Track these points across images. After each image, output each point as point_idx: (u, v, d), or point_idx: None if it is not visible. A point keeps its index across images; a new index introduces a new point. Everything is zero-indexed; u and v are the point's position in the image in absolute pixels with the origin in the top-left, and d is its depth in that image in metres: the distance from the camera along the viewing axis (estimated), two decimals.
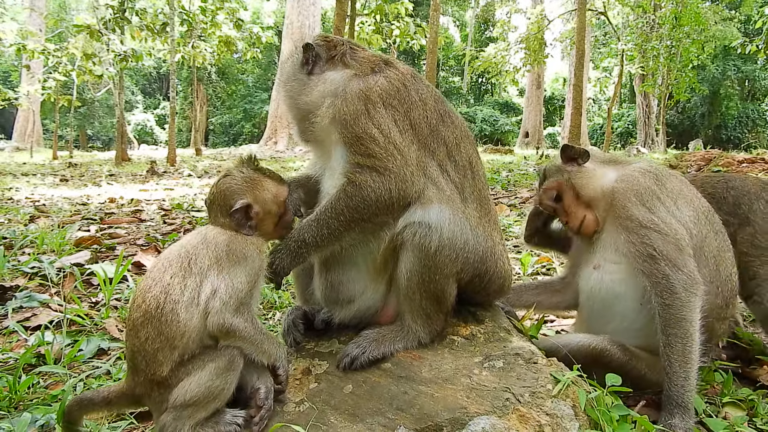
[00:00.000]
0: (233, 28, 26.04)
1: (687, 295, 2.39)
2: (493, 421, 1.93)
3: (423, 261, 2.28)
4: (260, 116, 49.68)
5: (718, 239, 2.62)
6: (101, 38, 21.62)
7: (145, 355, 1.94)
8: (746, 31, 36.53)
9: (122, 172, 18.95)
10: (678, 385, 2.35)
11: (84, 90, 39.57)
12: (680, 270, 2.41)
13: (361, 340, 2.34)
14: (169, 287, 1.98)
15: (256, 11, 52.19)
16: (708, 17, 30.84)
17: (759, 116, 46.52)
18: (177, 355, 1.94)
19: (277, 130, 31.88)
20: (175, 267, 2.03)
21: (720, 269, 2.57)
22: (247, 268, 2.08)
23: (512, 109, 57.56)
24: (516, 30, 35.21)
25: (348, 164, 2.32)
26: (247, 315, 2.03)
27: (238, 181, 2.26)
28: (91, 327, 3.53)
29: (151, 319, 1.95)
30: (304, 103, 2.57)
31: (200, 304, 1.98)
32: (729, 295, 2.60)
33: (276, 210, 2.30)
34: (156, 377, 1.93)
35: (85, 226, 7.14)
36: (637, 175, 2.63)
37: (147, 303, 1.97)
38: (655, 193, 2.56)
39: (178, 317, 1.94)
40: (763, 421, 2.45)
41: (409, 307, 2.35)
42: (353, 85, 2.42)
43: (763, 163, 9.42)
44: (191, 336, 1.96)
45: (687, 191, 2.67)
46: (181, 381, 1.95)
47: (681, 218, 2.54)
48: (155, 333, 1.93)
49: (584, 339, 2.59)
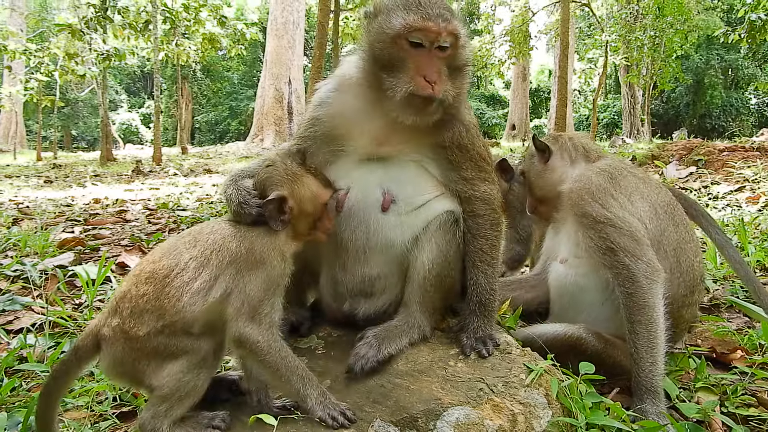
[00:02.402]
0: (217, 25, 25.89)
1: (648, 283, 2.46)
2: (466, 412, 1.97)
3: (445, 253, 2.35)
4: (246, 113, 49.48)
5: (679, 231, 2.70)
6: (83, 37, 21.43)
7: (133, 307, 1.94)
8: (729, 21, 36.80)
9: (107, 172, 18.84)
10: (646, 371, 2.42)
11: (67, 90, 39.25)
12: (639, 259, 2.49)
13: (372, 339, 2.28)
14: (186, 267, 1.98)
15: (240, 8, 51.84)
16: (691, 7, 30.98)
17: (742, 105, 46.94)
18: (160, 326, 1.93)
19: (264, 127, 31.76)
20: (198, 251, 2.02)
21: (680, 259, 2.65)
22: (263, 274, 2.02)
23: (499, 101, 57.71)
24: (501, 23, 35.19)
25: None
26: (266, 327, 1.97)
27: (280, 172, 2.19)
28: (75, 329, 3.53)
29: (155, 282, 1.95)
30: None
31: (207, 299, 1.96)
32: (692, 282, 2.68)
33: (312, 211, 2.20)
34: (130, 332, 1.92)
35: (69, 227, 7.10)
36: (591, 175, 2.75)
37: (160, 265, 1.98)
38: (608, 191, 2.66)
39: (181, 298, 1.93)
40: (735, 405, 2.51)
41: (421, 300, 2.38)
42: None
43: (743, 151, 9.53)
44: (183, 319, 1.94)
45: (644, 187, 2.76)
46: (149, 353, 1.93)
47: (635, 213, 2.63)
48: (153, 296, 1.94)
49: (560, 328, 2.65)
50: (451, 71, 2.30)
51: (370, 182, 2.40)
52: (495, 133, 48.62)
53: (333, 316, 2.58)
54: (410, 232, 2.40)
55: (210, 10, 25.01)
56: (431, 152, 2.46)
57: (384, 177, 2.42)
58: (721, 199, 7.46)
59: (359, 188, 2.41)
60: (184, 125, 41.28)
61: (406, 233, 2.40)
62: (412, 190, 2.41)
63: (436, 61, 2.27)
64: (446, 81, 2.27)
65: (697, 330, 3.36)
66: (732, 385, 2.63)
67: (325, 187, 2.24)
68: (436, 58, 2.26)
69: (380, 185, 2.40)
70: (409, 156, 2.43)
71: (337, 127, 2.48)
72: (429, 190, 2.45)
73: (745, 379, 2.71)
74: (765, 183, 7.86)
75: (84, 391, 2.70)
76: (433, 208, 2.43)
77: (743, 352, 2.99)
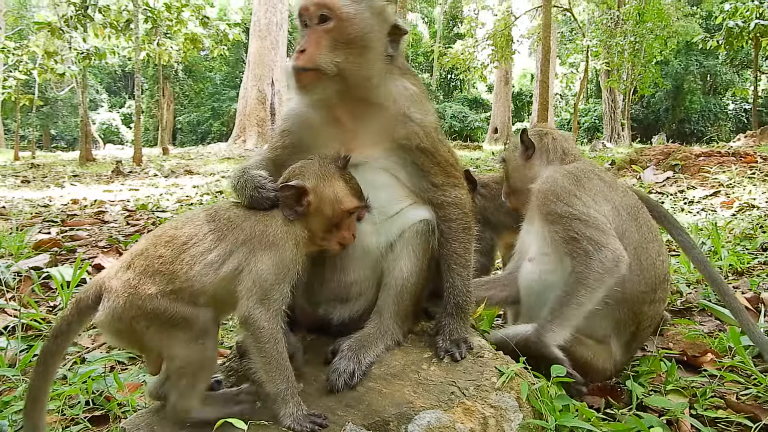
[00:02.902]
0: (199, 25, 25.77)
1: (601, 272, 2.56)
2: (438, 415, 1.99)
3: (422, 261, 2.39)
4: (228, 114, 49.22)
5: (641, 232, 2.77)
6: (63, 36, 21.20)
7: (147, 265, 1.97)
8: (707, 27, 37.33)
9: (86, 172, 18.63)
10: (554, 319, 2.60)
11: (46, 89, 38.77)
12: (604, 247, 2.58)
13: (348, 352, 2.25)
14: (203, 238, 2.02)
15: (222, 8, 51.65)
16: (670, 13, 31.48)
17: (720, 110, 47.69)
18: (169, 290, 1.94)
19: (246, 128, 31.63)
20: (216, 225, 2.07)
21: (641, 259, 2.71)
22: (276, 256, 2.03)
23: (481, 105, 57.95)
24: (483, 26, 35.45)
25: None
26: (273, 314, 1.98)
27: (313, 167, 2.20)
28: (48, 331, 3.49)
29: (174, 247, 2.00)
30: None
31: (219, 272, 1.98)
32: (653, 280, 2.73)
33: (330, 214, 2.16)
34: (139, 288, 1.93)
35: (46, 228, 7.03)
36: (558, 177, 2.84)
37: (181, 233, 2.04)
38: (572, 192, 2.75)
39: (193, 266, 1.97)
40: (704, 407, 2.55)
41: (396, 308, 2.38)
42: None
43: (719, 156, 9.67)
44: (191, 287, 1.96)
45: (608, 190, 2.83)
46: (149, 314, 1.93)
47: (600, 211, 2.72)
48: (169, 259, 1.97)
49: (531, 329, 2.67)
50: (339, 44, 2.28)
51: None
52: (477, 136, 48.76)
53: (307, 321, 2.58)
54: (385, 239, 2.42)
55: (192, 10, 24.88)
56: (397, 158, 2.45)
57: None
58: (697, 204, 7.57)
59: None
60: (166, 125, 40.98)
61: (382, 240, 2.41)
62: (386, 198, 2.42)
63: (315, 34, 2.28)
64: (325, 51, 2.26)
65: (669, 333, 3.41)
66: (702, 388, 2.67)
67: (352, 195, 2.19)
68: (318, 32, 2.28)
69: None
70: (379, 163, 2.43)
71: (306, 137, 2.48)
72: (402, 198, 2.47)
73: (714, 382, 2.76)
74: (739, 188, 7.99)
75: (56, 394, 2.68)
76: (408, 216, 2.44)
77: (713, 355, 3.04)
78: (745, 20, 23.18)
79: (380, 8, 2.41)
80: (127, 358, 3.24)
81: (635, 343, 2.82)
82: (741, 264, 4.44)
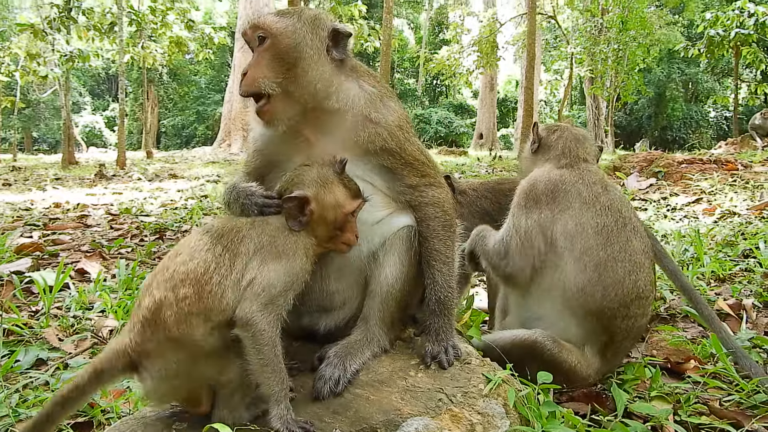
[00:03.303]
0: (184, 28, 25.65)
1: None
2: (425, 422, 1.99)
3: (407, 268, 2.38)
4: (214, 118, 48.91)
5: (609, 250, 2.75)
6: (46, 38, 21.00)
7: (178, 312, 1.85)
8: (689, 35, 37.83)
9: (69, 175, 18.43)
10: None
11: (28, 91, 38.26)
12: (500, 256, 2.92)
13: (334, 359, 2.25)
14: (221, 261, 1.94)
15: (208, 11, 51.47)
16: (653, 21, 31.82)
17: (702, 118, 48.27)
18: (209, 327, 1.88)
19: (231, 132, 31.51)
20: (225, 242, 2.00)
21: (603, 275, 2.71)
22: (286, 266, 2.02)
23: (466, 111, 58.16)
24: (469, 33, 35.65)
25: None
26: (274, 319, 1.96)
27: (312, 174, 2.18)
28: (30, 336, 3.45)
29: (195, 282, 1.89)
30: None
31: (241, 289, 1.94)
32: (622, 298, 2.72)
33: (333, 219, 2.17)
34: (183, 339, 1.85)
35: (28, 232, 6.94)
36: (539, 179, 2.95)
37: (194, 264, 1.92)
38: (538, 199, 2.88)
39: (225, 295, 1.91)
40: (687, 414, 2.57)
41: (381, 315, 2.38)
42: None
43: (701, 163, 9.81)
44: (229, 314, 1.91)
45: (580, 208, 2.83)
46: (208, 354, 1.91)
47: (548, 226, 2.82)
48: (196, 297, 1.87)
49: (516, 333, 2.70)
50: (276, 60, 2.31)
51: None
52: (463, 141, 48.94)
53: (290, 332, 2.56)
54: (367, 247, 2.41)
55: (177, 14, 24.75)
56: (367, 163, 2.43)
57: None
58: (679, 211, 7.66)
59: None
60: (150, 129, 40.71)
61: (364, 249, 2.40)
62: (366, 206, 2.42)
63: (256, 56, 2.33)
64: (265, 71, 2.29)
65: (653, 340, 3.44)
66: (685, 394, 2.70)
67: (352, 198, 2.21)
68: (259, 53, 2.32)
69: None
70: (351, 172, 2.42)
71: (276, 155, 2.48)
72: (383, 205, 2.46)
73: (697, 388, 2.78)
74: (721, 195, 8.09)
75: (38, 401, 2.64)
76: (390, 223, 2.44)
77: (696, 361, 3.08)
78: (725, 29, 23.57)
79: (312, 17, 2.42)
80: None
81: (610, 353, 2.81)
82: (723, 271, 4.48)
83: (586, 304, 2.70)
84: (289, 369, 2.28)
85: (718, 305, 3.77)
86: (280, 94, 2.29)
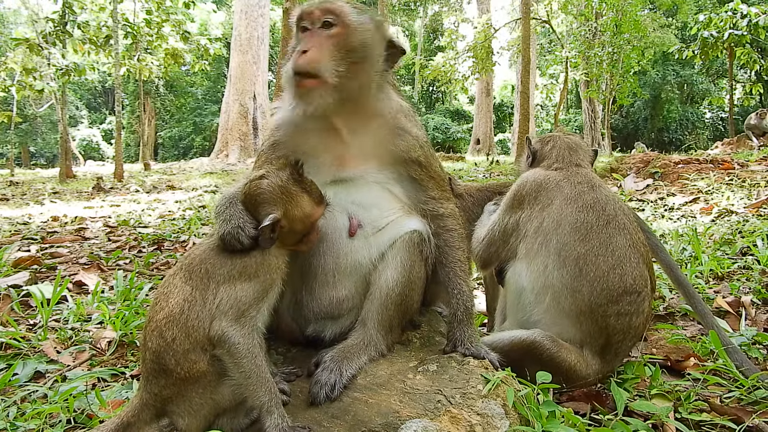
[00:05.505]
0: (180, 40, 25.70)
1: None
2: (424, 424, 1.97)
3: (409, 272, 2.38)
4: (211, 129, 49.03)
5: (588, 246, 2.74)
6: (41, 52, 21.00)
7: (174, 355, 1.90)
8: (683, 38, 37.97)
9: (67, 189, 18.40)
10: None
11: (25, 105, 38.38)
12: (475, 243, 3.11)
13: (330, 363, 2.23)
14: (192, 298, 1.97)
15: (203, 23, 51.49)
16: (647, 24, 31.92)
17: (698, 119, 48.44)
18: (210, 356, 1.93)
19: (228, 143, 31.50)
20: (196, 280, 2.01)
21: (584, 271, 2.71)
22: (257, 285, 2.04)
23: (463, 116, 58.31)
24: (464, 39, 35.75)
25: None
26: (248, 330, 1.97)
27: (274, 189, 2.12)
28: (28, 350, 3.44)
29: (176, 322, 1.92)
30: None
31: (213, 311, 1.97)
32: (609, 292, 2.71)
33: (301, 230, 2.19)
34: (192, 373, 1.91)
35: (25, 246, 6.92)
36: (528, 179, 3.01)
37: (171, 306, 1.95)
38: (522, 198, 2.96)
39: (210, 324, 1.94)
40: (688, 411, 2.57)
41: (380, 318, 2.35)
42: None
43: (697, 163, 9.82)
44: (224, 339, 1.94)
45: (562, 205, 2.85)
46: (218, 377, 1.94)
47: (528, 223, 2.89)
48: (183, 335, 1.91)
49: (515, 333, 2.69)
50: (341, 52, 2.29)
51: (336, 207, 2.37)
52: (460, 147, 49.00)
53: (294, 339, 2.54)
54: (377, 251, 2.41)
55: (173, 26, 24.81)
56: (393, 171, 2.47)
57: (349, 201, 2.42)
58: (677, 210, 7.67)
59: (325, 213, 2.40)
60: (147, 141, 40.72)
61: (373, 253, 2.41)
62: (378, 212, 2.42)
63: (318, 38, 2.30)
64: (327, 57, 2.26)
65: (653, 338, 3.44)
66: (685, 392, 2.69)
67: (317, 205, 2.21)
68: (321, 37, 2.30)
69: (346, 210, 2.40)
70: (373, 177, 2.43)
71: (299, 148, 2.45)
72: (394, 211, 2.47)
73: (697, 386, 2.78)
74: (717, 194, 8.10)
75: (36, 413, 2.62)
76: (398, 227, 2.44)
77: (696, 359, 3.07)
78: (719, 30, 23.62)
79: (380, 23, 2.44)
80: (109, 375, 3.19)
81: (609, 354, 2.79)
82: (721, 269, 4.49)
83: (576, 303, 2.69)
84: (289, 374, 2.30)
85: (718, 303, 3.77)
86: (334, 83, 2.27)
